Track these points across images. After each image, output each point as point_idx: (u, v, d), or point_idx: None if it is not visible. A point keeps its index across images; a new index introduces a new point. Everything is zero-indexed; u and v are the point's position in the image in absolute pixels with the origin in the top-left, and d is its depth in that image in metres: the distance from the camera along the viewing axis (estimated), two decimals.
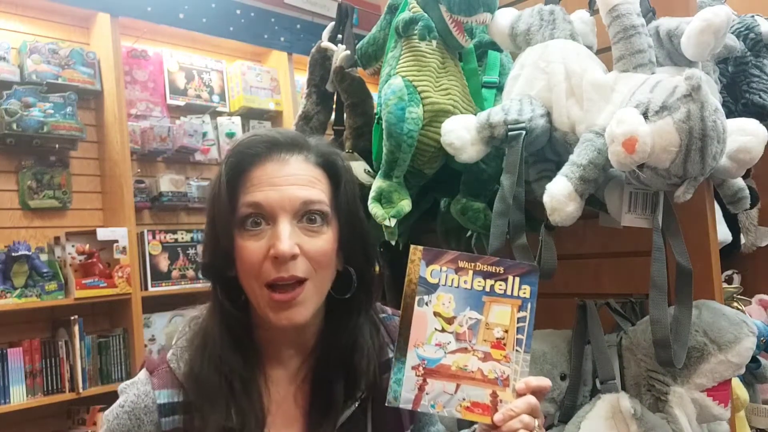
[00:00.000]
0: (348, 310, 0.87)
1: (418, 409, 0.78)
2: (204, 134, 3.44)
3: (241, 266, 0.80)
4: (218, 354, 0.81)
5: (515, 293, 0.80)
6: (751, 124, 1.10)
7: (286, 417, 0.85)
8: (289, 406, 0.86)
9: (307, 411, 0.85)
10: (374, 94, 1.43)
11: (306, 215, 0.80)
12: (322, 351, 0.87)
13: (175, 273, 3.20)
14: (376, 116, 1.35)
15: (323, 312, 0.87)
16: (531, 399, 0.77)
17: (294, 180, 0.80)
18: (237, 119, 3.60)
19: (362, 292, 0.87)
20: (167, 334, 1.05)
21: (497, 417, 0.77)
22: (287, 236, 0.77)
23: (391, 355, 0.90)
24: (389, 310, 0.98)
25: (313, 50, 1.57)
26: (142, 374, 0.85)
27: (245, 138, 0.84)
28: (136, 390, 0.83)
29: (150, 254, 3.14)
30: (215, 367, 0.81)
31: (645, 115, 0.98)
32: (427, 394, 0.78)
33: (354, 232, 0.85)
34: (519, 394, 0.78)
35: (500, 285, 0.80)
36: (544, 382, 0.79)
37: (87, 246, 2.85)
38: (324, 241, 0.81)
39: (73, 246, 2.83)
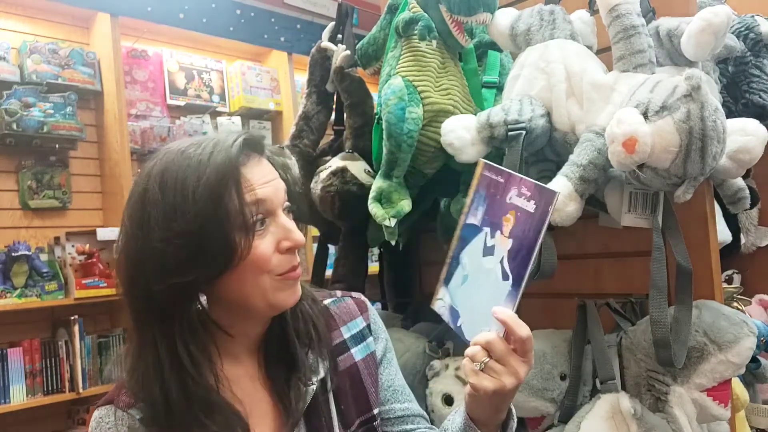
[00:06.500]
0: None
1: None
2: (204, 134, 3.44)
3: (249, 266, 0.77)
4: (183, 378, 0.77)
5: None
6: (751, 124, 1.10)
7: (258, 410, 0.85)
8: (257, 400, 0.86)
9: (274, 400, 0.86)
10: (374, 94, 1.43)
11: (285, 207, 0.83)
12: (267, 342, 0.88)
13: None
14: (376, 116, 1.35)
15: None
16: (490, 336, 0.78)
17: (274, 173, 0.82)
18: (237, 119, 3.60)
19: None
20: None
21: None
22: (295, 226, 0.80)
23: (344, 337, 0.92)
24: (339, 293, 0.99)
25: (313, 50, 1.57)
26: (103, 409, 0.82)
27: (219, 141, 0.79)
28: (108, 419, 0.80)
29: None
30: (183, 392, 0.77)
31: (645, 115, 0.98)
32: None
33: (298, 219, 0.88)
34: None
35: None
36: (518, 327, 0.77)
37: (87, 246, 2.85)
38: (297, 226, 0.84)
39: (73, 246, 2.83)
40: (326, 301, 0.95)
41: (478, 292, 0.81)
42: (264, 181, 0.79)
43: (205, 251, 0.74)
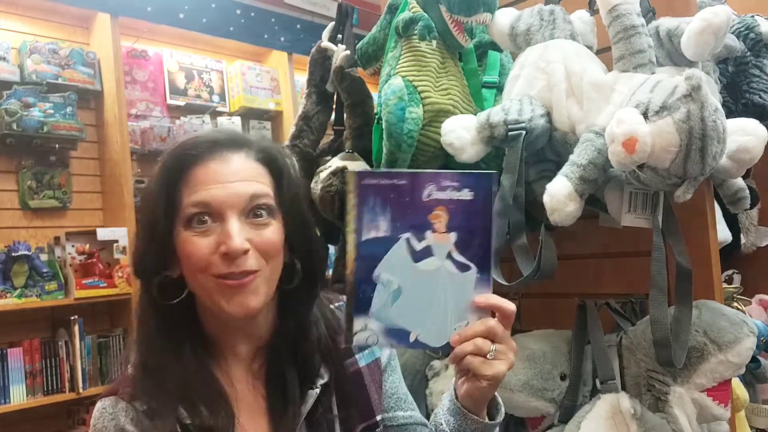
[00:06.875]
0: (295, 302, 0.88)
1: None
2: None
3: (187, 262, 0.80)
4: (167, 356, 0.82)
5: None
6: (751, 124, 1.10)
7: (250, 410, 0.86)
8: (251, 399, 0.87)
9: (269, 402, 0.87)
10: (374, 94, 1.43)
11: (252, 210, 0.81)
12: (273, 343, 0.88)
13: None
14: (376, 116, 1.35)
15: (276, 305, 0.89)
16: (488, 322, 0.78)
17: (238, 176, 0.82)
18: (237, 119, 3.60)
19: (308, 283, 0.88)
20: None
21: (452, 338, 0.78)
22: (237, 232, 0.78)
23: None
24: (345, 297, 0.98)
25: (313, 50, 1.57)
26: (107, 400, 0.83)
27: (185, 139, 0.85)
28: (111, 410, 0.81)
29: None
30: (167, 369, 0.81)
31: (645, 115, 0.98)
32: None
33: (298, 224, 0.86)
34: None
35: None
36: (506, 303, 0.79)
37: (87, 246, 2.85)
38: (271, 232, 0.82)
39: (73, 246, 2.83)
40: (333, 305, 0.95)
41: (431, 296, 0.78)
42: (216, 181, 0.80)
43: (150, 242, 0.82)
